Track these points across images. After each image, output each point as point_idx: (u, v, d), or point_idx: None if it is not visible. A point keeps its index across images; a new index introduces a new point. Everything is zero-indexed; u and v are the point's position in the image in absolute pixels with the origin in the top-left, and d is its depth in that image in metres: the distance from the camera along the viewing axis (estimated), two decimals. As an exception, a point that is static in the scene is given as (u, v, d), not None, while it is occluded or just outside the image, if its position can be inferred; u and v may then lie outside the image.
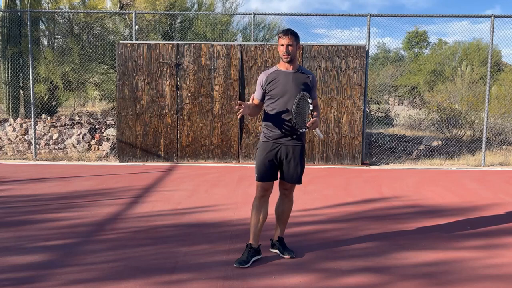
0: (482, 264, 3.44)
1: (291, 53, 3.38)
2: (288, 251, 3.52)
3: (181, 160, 7.96)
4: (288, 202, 3.57)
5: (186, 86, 7.85)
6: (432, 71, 16.22)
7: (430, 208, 5.08)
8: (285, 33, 3.38)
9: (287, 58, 3.40)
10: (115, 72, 9.30)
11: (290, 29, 3.41)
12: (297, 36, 3.41)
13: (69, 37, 10.21)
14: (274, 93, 3.39)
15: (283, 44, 3.37)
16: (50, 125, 8.95)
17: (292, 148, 3.39)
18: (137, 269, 3.24)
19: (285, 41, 3.36)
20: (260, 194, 3.41)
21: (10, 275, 3.12)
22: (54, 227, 4.22)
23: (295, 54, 3.42)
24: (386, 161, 8.32)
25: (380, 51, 25.59)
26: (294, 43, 3.37)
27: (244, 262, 3.32)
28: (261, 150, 3.40)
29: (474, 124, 9.88)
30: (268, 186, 3.41)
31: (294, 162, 3.39)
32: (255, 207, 3.43)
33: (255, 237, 3.44)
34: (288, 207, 3.57)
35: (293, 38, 3.37)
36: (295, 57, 3.45)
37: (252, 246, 3.42)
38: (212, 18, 11.53)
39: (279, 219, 3.58)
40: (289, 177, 3.42)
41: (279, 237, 3.60)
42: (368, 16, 7.92)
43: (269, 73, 3.48)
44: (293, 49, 3.38)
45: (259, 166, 3.38)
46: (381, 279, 3.14)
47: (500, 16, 8.11)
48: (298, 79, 3.41)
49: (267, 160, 3.37)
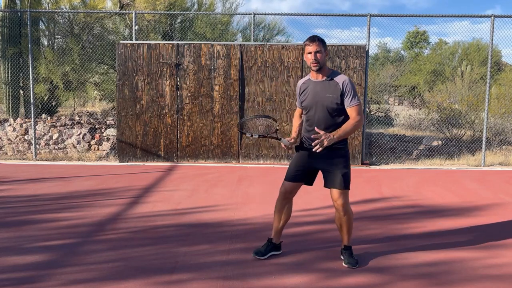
0: (482, 264, 3.44)
1: (320, 61, 3.19)
2: (349, 261, 3.37)
3: (181, 160, 7.96)
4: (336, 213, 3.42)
5: (186, 86, 7.85)
6: (432, 71, 16.22)
7: (430, 208, 5.08)
8: (312, 40, 3.20)
9: (316, 66, 3.21)
10: (115, 72, 9.31)
11: (317, 36, 3.22)
12: (324, 42, 3.24)
13: (69, 37, 10.21)
14: (305, 105, 3.32)
15: (311, 51, 3.18)
16: (50, 125, 8.95)
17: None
18: (137, 269, 3.24)
19: (313, 48, 3.18)
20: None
21: (10, 275, 3.12)
22: (54, 227, 4.22)
23: (324, 61, 3.23)
24: (386, 161, 8.32)
25: (380, 51, 25.59)
26: (322, 50, 3.20)
27: (260, 253, 3.42)
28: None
29: (474, 124, 9.88)
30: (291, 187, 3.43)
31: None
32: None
33: (276, 233, 3.51)
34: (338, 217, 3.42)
35: (321, 45, 3.20)
36: (325, 65, 3.27)
37: (273, 241, 3.50)
38: (212, 18, 11.53)
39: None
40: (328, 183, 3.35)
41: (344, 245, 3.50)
42: (368, 16, 7.92)
43: (302, 82, 3.40)
44: (322, 56, 3.19)
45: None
46: (381, 279, 3.14)
47: (500, 16, 8.11)
48: (327, 89, 3.23)
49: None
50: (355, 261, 3.37)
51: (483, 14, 8.64)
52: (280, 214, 3.46)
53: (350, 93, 3.19)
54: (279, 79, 7.80)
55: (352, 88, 3.21)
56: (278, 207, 3.47)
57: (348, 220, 3.39)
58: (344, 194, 3.29)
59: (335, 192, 3.28)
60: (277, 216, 3.48)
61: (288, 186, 3.40)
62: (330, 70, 3.31)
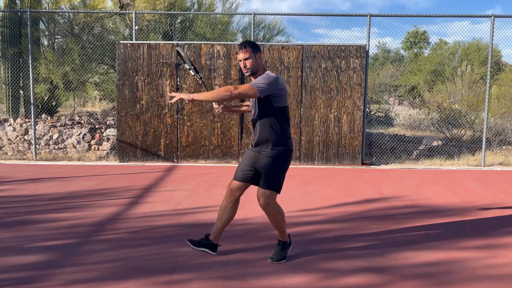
0: (482, 264, 3.44)
1: (250, 67, 3.21)
2: (272, 255, 3.45)
3: (181, 160, 7.96)
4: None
5: (186, 86, 7.85)
6: (432, 71, 16.22)
7: (430, 208, 5.08)
8: (240, 47, 3.20)
9: (247, 72, 3.23)
10: (115, 72, 9.31)
11: (247, 41, 3.23)
12: (254, 46, 3.21)
13: (69, 37, 10.21)
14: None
15: (240, 59, 3.21)
16: (50, 125, 8.95)
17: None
18: (137, 269, 3.24)
19: (241, 55, 3.19)
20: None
21: (10, 275, 3.12)
22: (54, 227, 4.22)
23: (255, 66, 3.22)
24: (386, 161, 8.32)
25: (380, 51, 25.60)
26: (252, 55, 3.18)
27: (192, 242, 3.44)
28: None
29: (474, 124, 9.89)
30: None
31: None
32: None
33: (215, 232, 3.49)
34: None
35: (250, 50, 3.18)
36: (259, 69, 3.25)
37: (210, 237, 3.48)
38: (212, 18, 11.53)
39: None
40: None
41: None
42: (368, 16, 7.92)
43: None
44: (252, 61, 3.19)
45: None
46: (381, 279, 3.14)
47: (500, 16, 8.12)
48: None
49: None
50: (279, 257, 3.40)
51: (483, 14, 8.65)
52: (223, 212, 3.44)
53: (257, 82, 3.13)
54: (279, 79, 7.78)
55: (261, 77, 3.15)
56: (223, 205, 3.45)
57: (273, 219, 3.39)
58: (266, 194, 3.27)
59: (258, 191, 3.31)
60: (220, 213, 3.46)
61: (233, 184, 3.42)
62: (264, 71, 3.26)
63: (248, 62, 3.20)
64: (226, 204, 3.44)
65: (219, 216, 3.48)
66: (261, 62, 3.28)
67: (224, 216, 3.45)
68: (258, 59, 3.24)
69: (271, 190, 3.27)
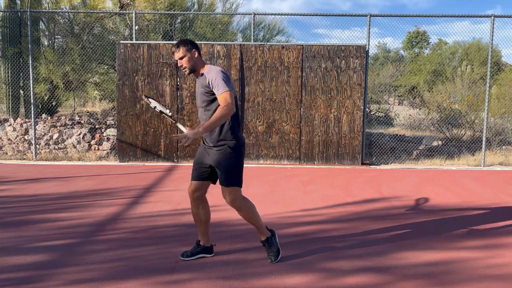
0: (482, 264, 3.44)
1: (187, 66, 3.20)
2: (268, 254, 3.46)
3: (181, 160, 7.96)
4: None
5: (186, 86, 7.85)
6: (432, 71, 16.23)
7: (430, 208, 5.09)
8: (173, 48, 3.21)
9: (185, 71, 3.23)
10: (115, 72, 9.30)
11: (180, 40, 3.21)
12: (190, 43, 3.20)
13: (69, 37, 10.21)
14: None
15: (176, 59, 3.23)
16: (50, 125, 8.95)
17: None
18: (137, 269, 3.24)
19: (176, 55, 3.20)
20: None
21: (10, 275, 3.12)
22: (54, 227, 4.22)
23: (192, 64, 3.21)
24: (386, 161, 8.32)
25: (380, 51, 25.60)
26: (187, 53, 3.18)
27: (186, 254, 3.42)
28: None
29: (474, 124, 9.88)
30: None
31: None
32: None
33: (201, 236, 3.46)
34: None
35: (185, 49, 3.18)
36: (198, 66, 3.23)
37: (201, 243, 3.46)
38: (212, 18, 11.53)
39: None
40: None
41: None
42: (368, 16, 7.92)
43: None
44: (189, 59, 3.18)
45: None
46: (381, 279, 3.14)
47: (500, 16, 8.11)
48: (200, 84, 3.24)
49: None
50: (274, 254, 3.40)
51: (483, 14, 8.64)
52: (197, 217, 3.39)
53: (216, 83, 3.09)
54: (279, 79, 7.80)
55: (219, 78, 3.10)
56: (193, 211, 3.38)
57: (247, 215, 3.37)
58: (231, 191, 3.23)
59: (222, 190, 3.27)
60: (196, 219, 3.41)
61: (192, 185, 3.34)
62: (207, 66, 3.25)
63: (184, 60, 3.19)
64: (195, 210, 3.37)
65: (196, 222, 3.44)
66: (199, 58, 3.24)
67: (201, 219, 3.40)
68: (195, 56, 3.20)
69: (232, 186, 3.24)
